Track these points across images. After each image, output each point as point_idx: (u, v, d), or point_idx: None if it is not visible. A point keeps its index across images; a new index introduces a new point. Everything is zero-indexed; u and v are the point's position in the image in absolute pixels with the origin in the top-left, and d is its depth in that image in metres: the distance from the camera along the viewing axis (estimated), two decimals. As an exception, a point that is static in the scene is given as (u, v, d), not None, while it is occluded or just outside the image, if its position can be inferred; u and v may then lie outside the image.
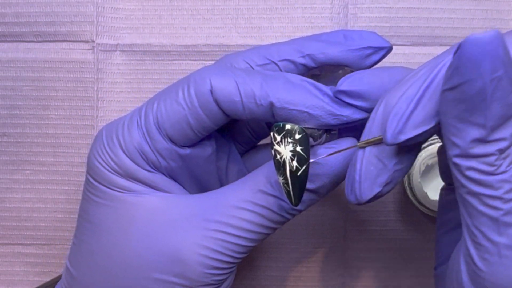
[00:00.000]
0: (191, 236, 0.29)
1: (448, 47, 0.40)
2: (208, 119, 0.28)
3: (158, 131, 0.29)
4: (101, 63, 0.40)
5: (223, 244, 0.29)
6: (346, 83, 0.27)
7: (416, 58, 0.39)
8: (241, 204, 0.29)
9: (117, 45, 0.40)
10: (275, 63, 0.30)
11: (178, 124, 0.28)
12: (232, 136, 0.34)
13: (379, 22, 0.39)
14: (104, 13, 0.39)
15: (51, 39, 0.40)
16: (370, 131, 0.26)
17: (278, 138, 0.27)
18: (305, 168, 0.26)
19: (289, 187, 0.27)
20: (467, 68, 0.21)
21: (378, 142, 0.25)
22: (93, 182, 0.30)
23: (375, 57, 0.30)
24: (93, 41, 0.40)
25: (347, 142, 0.28)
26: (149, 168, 0.29)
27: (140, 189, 0.30)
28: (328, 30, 0.39)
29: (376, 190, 0.26)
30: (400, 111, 0.24)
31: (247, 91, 0.27)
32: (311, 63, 0.30)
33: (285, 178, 0.27)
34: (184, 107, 0.28)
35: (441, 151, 0.30)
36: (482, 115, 0.21)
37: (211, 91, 0.28)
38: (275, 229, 0.30)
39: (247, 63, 0.30)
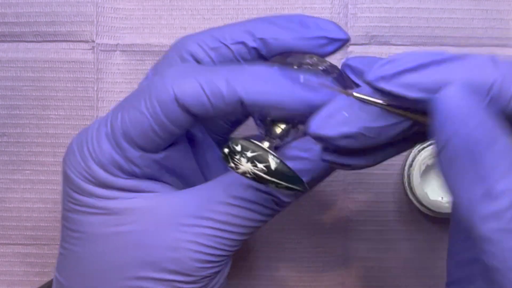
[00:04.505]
0: (183, 234, 0.28)
1: (448, 47, 0.40)
2: (174, 125, 0.27)
3: (127, 142, 0.28)
4: (101, 63, 0.40)
5: (216, 239, 0.29)
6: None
7: (416, 58, 0.39)
8: (232, 201, 0.29)
9: (117, 45, 0.40)
10: (227, 46, 0.29)
11: (145, 134, 0.28)
12: (205, 128, 0.33)
13: (379, 22, 0.39)
14: (104, 13, 0.39)
15: (51, 39, 0.40)
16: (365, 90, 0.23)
17: (232, 164, 0.27)
18: (273, 158, 0.26)
19: (282, 184, 0.26)
20: (449, 124, 0.21)
21: (372, 103, 0.23)
22: (73, 193, 0.29)
23: (330, 48, 0.29)
24: (93, 41, 0.40)
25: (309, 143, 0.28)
26: (126, 176, 0.29)
27: (123, 194, 0.29)
28: (328, 30, 0.39)
29: (334, 132, 0.23)
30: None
31: (213, 89, 0.27)
32: (263, 49, 0.29)
33: (271, 181, 0.26)
34: (147, 116, 0.27)
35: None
36: (480, 165, 0.20)
37: (176, 100, 0.27)
38: (266, 221, 0.30)
39: (200, 46, 0.30)
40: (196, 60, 0.30)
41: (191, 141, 0.32)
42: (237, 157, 0.26)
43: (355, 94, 0.23)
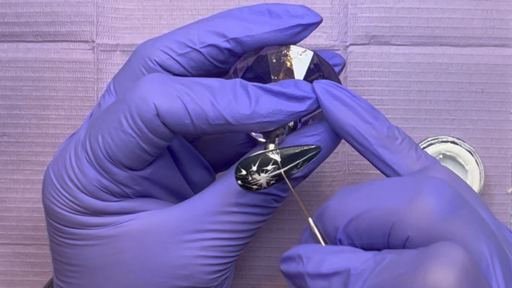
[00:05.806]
0: (189, 250, 0.28)
1: (448, 47, 0.40)
2: (162, 139, 0.27)
3: (113, 165, 0.27)
4: (101, 63, 0.40)
5: (223, 248, 0.28)
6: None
7: (416, 58, 0.39)
8: (233, 209, 0.28)
9: (117, 45, 0.40)
10: (197, 50, 0.28)
11: (132, 153, 0.27)
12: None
13: (379, 22, 0.39)
14: (104, 13, 0.39)
15: (51, 39, 0.40)
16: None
17: (254, 187, 0.26)
18: (272, 153, 0.26)
19: (301, 162, 0.26)
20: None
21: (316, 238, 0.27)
22: (62, 227, 0.28)
23: (305, 34, 0.29)
24: (93, 41, 0.40)
25: (316, 127, 0.28)
26: (117, 199, 0.28)
27: (117, 219, 0.28)
28: (328, 30, 0.39)
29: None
30: None
31: (197, 112, 0.26)
32: (237, 48, 0.28)
33: (291, 168, 0.26)
34: (133, 135, 0.26)
35: None
36: None
37: (158, 115, 0.26)
38: (267, 220, 0.30)
39: (166, 53, 0.28)
40: (164, 68, 0.29)
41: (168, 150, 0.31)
42: (250, 178, 0.26)
43: (310, 221, 0.27)
